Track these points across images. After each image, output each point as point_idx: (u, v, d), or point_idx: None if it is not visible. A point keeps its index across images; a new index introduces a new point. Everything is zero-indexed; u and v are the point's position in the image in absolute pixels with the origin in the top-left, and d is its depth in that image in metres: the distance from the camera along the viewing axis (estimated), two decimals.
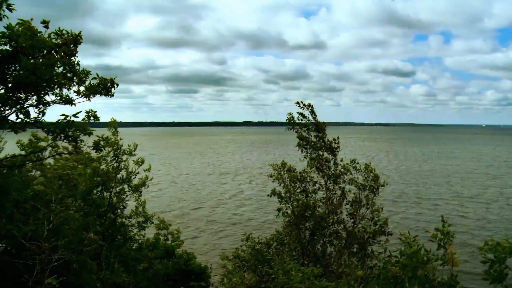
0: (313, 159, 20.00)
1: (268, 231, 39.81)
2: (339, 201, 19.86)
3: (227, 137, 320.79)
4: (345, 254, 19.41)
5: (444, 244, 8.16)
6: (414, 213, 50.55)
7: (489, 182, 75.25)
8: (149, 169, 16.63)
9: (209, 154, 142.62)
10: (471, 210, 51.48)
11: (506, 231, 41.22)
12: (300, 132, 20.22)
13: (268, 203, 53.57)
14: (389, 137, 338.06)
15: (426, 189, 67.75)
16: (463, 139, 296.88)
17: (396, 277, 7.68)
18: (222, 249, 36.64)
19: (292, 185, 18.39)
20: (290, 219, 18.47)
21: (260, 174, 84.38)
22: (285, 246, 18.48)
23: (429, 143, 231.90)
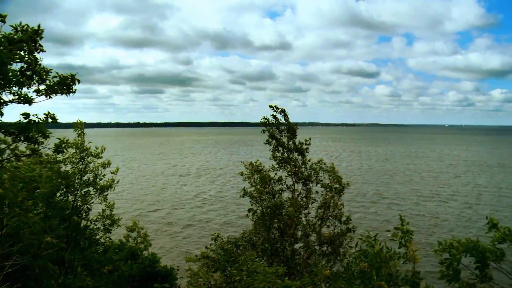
0: (283, 159, 20.14)
1: (231, 230, 39.76)
2: (306, 201, 20.04)
3: (193, 137, 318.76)
4: (314, 253, 19.58)
5: (405, 242, 8.32)
6: (377, 211, 51.39)
7: (449, 181, 77.18)
8: (116, 171, 16.39)
9: (174, 155, 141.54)
10: (432, 209, 52.72)
11: (464, 229, 42.34)
12: (272, 132, 20.35)
13: (235, 204, 53.46)
14: (354, 137, 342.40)
15: (388, 188, 68.92)
16: (426, 139, 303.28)
17: (364, 272, 7.75)
18: (187, 250, 36.48)
19: (262, 185, 18.42)
20: (259, 219, 18.50)
21: (224, 174, 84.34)
22: (253, 246, 18.46)
23: (393, 143, 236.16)
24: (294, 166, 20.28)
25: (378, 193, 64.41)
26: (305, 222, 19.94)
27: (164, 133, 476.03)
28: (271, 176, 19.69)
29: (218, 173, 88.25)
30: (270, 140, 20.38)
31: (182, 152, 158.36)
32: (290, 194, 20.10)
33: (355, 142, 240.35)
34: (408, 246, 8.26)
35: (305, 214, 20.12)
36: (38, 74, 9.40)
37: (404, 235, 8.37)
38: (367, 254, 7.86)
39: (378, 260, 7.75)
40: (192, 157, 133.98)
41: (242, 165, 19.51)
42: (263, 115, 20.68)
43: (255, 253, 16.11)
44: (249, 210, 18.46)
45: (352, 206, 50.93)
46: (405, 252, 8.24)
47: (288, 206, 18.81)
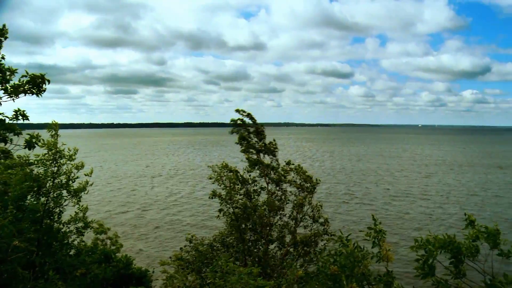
0: (254, 161, 20.16)
1: (205, 231, 39.60)
2: (280, 201, 20.10)
3: (167, 138, 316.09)
4: (289, 254, 19.65)
5: (378, 241, 8.40)
6: (349, 211, 51.94)
7: (420, 181, 78.50)
8: (90, 173, 16.13)
9: (147, 156, 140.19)
10: (404, 208, 53.59)
11: (435, 227, 43.17)
12: (242, 134, 20.38)
13: (206, 204, 53.42)
14: (329, 137, 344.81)
15: (361, 188, 69.68)
16: (400, 139, 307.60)
17: (335, 275, 7.79)
18: (160, 251, 36.23)
19: (232, 186, 18.39)
20: (231, 220, 18.49)
21: (197, 175, 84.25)
22: (227, 247, 18.43)
23: (367, 143, 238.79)
24: (266, 167, 20.35)
25: (351, 192, 65.10)
26: (280, 222, 20.02)
27: (138, 134, 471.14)
28: (245, 177, 19.73)
29: (191, 174, 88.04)
30: (242, 142, 20.42)
31: (155, 153, 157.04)
32: (266, 195, 20.14)
33: (329, 142, 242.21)
34: (381, 245, 8.34)
35: (281, 215, 20.18)
36: (1, 74, 9.15)
37: (378, 234, 8.45)
38: (340, 254, 7.91)
39: (352, 259, 7.80)
40: (165, 158, 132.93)
41: (209, 168, 19.51)
42: (231, 118, 20.73)
43: (229, 254, 16.10)
44: (219, 211, 18.44)
45: (324, 206, 51.26)
46: (378, 251, 8.32)
47: (262, 206, 18.84)
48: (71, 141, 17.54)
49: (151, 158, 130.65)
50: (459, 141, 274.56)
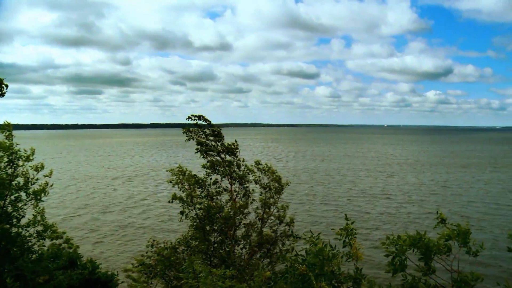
0: (214, 162, 20.03)
1: (168, 234, 39.19)
2: (244, 202, 19.98)
3: (132, 139, 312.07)
4: (255, 254, 19.51)
5: (349, 240, 8.39)
6: (314, 211, 52.24)
7: (385, 180, 79.85)
8: (50, 174, 15.61)
9: (111, 157, 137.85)
10: (369, 207, 54.38)
11: (398, 225, 43.82)
12: (198, 139, 20.22)
13: (169, 206, 52.98)
14: (295, 137, 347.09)
15: (326, 188, 70.21)
16: (366, 139, 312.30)
17: (303, 275, 7.72)
18: (123, 254, 35.67)
19: (192, 189, 18.19)
20: (195, 222, 18.27)
21: (162, 176, 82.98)
22: (192, 249, 18.17)
23: (333, 143, 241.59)
24: (227, 167, 20.22)
25: (314, 192, 65.58)
26: (246, 222, 19.90)
27: (102, 134, 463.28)
28: (205, 180, 19.59)
29: (155, 176, 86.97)
30: (199, 148, 20.26)
31: (119, 154, 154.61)
32: (229, 196, 19.99)
33: (295, 143, 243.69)
34: (352, 244, 8.35)
35: (245, 215, 20.06)
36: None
37: (348, 233, 8.45)
38: (309, 253, 7.86)
39: (321, 258, 7.75)
40: (129, 159, 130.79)
41: (168, 171, 19.27)
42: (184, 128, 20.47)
43: (200, 256, 15.85)
44: (181, 213, 18.21)
45: (291, 206, 51.43)
46: (348, 250, 8.31)
47: (226, 207, 18.70)
48: (32, 142, 17.04)
49: (114, 160, 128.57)
50: (423, 141, 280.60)
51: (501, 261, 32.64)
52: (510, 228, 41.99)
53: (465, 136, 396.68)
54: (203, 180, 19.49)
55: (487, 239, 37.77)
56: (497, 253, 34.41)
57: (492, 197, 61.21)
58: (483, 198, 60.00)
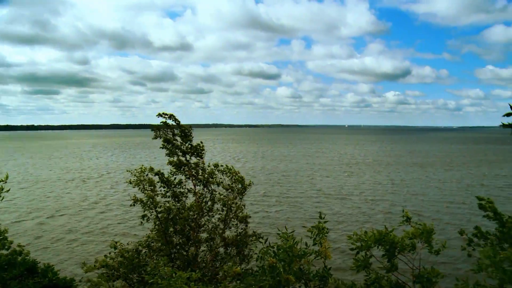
0: (180, 163, 19.93)
1: (128, 237, 38.60)
2: (208, 204, 19.99)
3: (92, 140, 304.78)
4: (219, 256, 19.53)
5: (319, 239, 8.51)
6: (277, 211, 52.43)
7: (345, 179, 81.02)
8: (6, 179, 15.09)
9: (69, 159, 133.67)
10: (330, 206, 54.91)
11: (360, 224, 44.48)
12: (165, 136, 20.08)
13: (131, 208, 52.27)
14: (257, 138, 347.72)
15: (288, 188, 70.55)
16: (327, 139, 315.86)
17: (273, 267, 7.78)
18: (81, 259, 34.73)
19: (153, 190, 18.05)
20: (157, 224, 18.13)
21: (122, 178, 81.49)
22: (155, 251, 18.01)
23: (294, 143, 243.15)
24: (192, 169, 20.17)
25: (275, 192, 65.85)
26: (209, 224, 19.90)
27: (60, 136, 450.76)
28: (170, 179, 19.44)
29: (115, 177, 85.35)
30: (165, 145, 20.10)
31: (78, 156, 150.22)
32: (193, 197, 19.94)
33: (256, 143, 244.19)
34: (322, 243, 8.46)
35: (209, 217, 20.06)
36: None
37: (319, 231, 8.56)
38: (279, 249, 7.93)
39: (290, 254, 7.84)
40: (89, 161, 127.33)
41: (128, 172, 18.99)
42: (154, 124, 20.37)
43: (167, 258, 15.72)
44: (142, 217, 18.00)
45: (253, 206, 51.69)
46: (318, 248, 8.42)
47: (188, 209, 18.61)
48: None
49: (74, 162, 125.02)
50: (383, 140, 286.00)
51: (455, 258, 33.54)
52: (464, 226, 43.27)
53: (423, 136, 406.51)
54: (169, 180, 19.31)
55: (443, 237, 38.78)
56: (451, 251, 35.35)
57: (447, 195, 62.87)
58: (438, 197, 61.59)
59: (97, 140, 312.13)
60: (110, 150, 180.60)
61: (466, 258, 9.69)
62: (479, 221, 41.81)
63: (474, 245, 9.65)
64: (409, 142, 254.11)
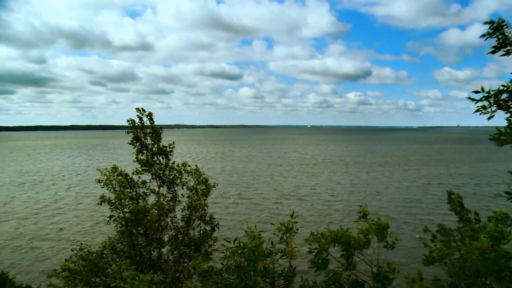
0: (147, 162, 19.87)
1: (91, 239, 37.93)
2: (172, 204, 20.00)
3: (50, 142, 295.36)
4: (183, 257, 19.55)
5: (286, 238, 8.65)
6: (239, 212, 52.46)
7: (307, 179, 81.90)
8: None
9: (26, 161, 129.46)
10: (293, 206, 55.16)
11: (322, 223, 45.04)
12: (136, 134, 19.99)
13: (92, 211, 51.33)
14: (219, 138, 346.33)
15: (250, 189, 70.71)
16: (290, 139, 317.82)
17: (241, 267, 7.86)
18: (42, 264, 34.11)
19: (122, 191, 17.91)
20: (122, 225, 18.00)
21: (82, 180, 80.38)
22: (118, 253, 17.87)
23: (257, 143, 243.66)
24: (158, 169, 20.16)
25: (239, 193, 65.87)
26: (171, 225, 19.91)
27: (16, 137, 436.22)
28: (134, 180, 19.33)
29: (75, 179, 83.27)
30: (134, 142, 20.01)
31: (36, 157, 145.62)
32: (156, 198, 19.90)
33: (219, 144, 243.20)
34: (289, 242, 8.59)
35: (171, 218, 20.08)
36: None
37: (287, 230, 8.70)
38: (245, 248, 8.00)
39: (256, 253, 7.92)
40: (47, 163, 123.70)
41: (98, 171, 18.77)
42: (129, 117, 20.23)
43: (128, 261, 15.61)
44: (110, 217, 17.84)
45: (213, 207, 51.50)
46: (284, 248, 8.55)
47: (152, 210, 18.56)
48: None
49: (31, 164, 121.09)
50: (345, 140, 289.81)
51: (414, 252, 34.46)
52: (424, 221, 44.43)
53: (384, 136, 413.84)
54: (133, 180, 19.19)
55: (403, 233, 39.83)
56: (411, 245, 36.42)
57: (405, 194, 64.33)
58: (397, 195, 62.93)
59: (55, 141, 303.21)
60: (72, 152, 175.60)
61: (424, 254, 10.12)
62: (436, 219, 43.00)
63: (437, 241, 10.02)
64: (370, 142, 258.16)
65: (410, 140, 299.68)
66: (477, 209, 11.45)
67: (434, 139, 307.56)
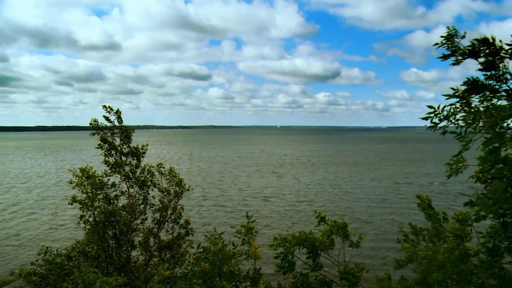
0: (116, 164, 19.61)
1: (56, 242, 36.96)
2: (143, 206, 19.81)
3: (13, 143, 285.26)
4: (153, 258, 19.39)
5: (248, 239, 8.66)
6: (209, 212, 52.32)
7: (275, 180, 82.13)
8: None
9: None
10: (259, 207, 55.35)
11: (292, 223, 45.17)
12: (103, 136, 19.69)
13: (56, 213, 50.22)
14: (189, 139, 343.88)
15: (217, 189, 70.45)
16: (259, 139, 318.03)
17: (206, 272, 7.82)
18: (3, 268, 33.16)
19: (93, 192, 17.61)
20: (92, 227, 17.70)
21: (46, 182, 78.29)
22: (87, 256, 17.56)
23: (226, 144, 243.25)
24: (129, 171, 19.91)
25: (208, 194, 65.63)
26: (142, 227, 19.70)
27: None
28: (104, 181, 19.00)
29: (38, 181, 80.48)
30: (102, 144, 19.68)
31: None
32: (126, 200, 19.64)
33: (188, 145, 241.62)
34: (251, 243, 8.60)
35: (142, 220, 19.87)
36: None
37: (247, 232, 8.70)
38: (209, 252, 7.97)
39: (220, 257, 7.89)
40: (8, 165, 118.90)
41: (70, 171, 18.42)
42: (93, 118, 19.85)
43: (90, 263, 15.35)
44: (80, 217, 17.51)
45: (193, 208, 51.30)
46: (247, 249, 8.55)
47: (123, 211, 18.32)
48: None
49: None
50: (314, 140, 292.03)
51: (383, 251, 34.91)
52: (393, 220, 45.15)
53: (353, 136, 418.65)
54: (103, 182, 18.87)
55: (371, 232, 40.32)
56: (378, 244, 36.88)
57: (374, 193, 65.30)
58: (365, 195, 63.80)
59: (18, 142, 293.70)
60: (36, 153, 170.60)
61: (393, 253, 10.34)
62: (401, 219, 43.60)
63: (410, 240, 10.26)
64: (339, 142, 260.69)
65: (380, 140, 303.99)
66: (443, 208, 11.71)
67: (402, 139, 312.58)
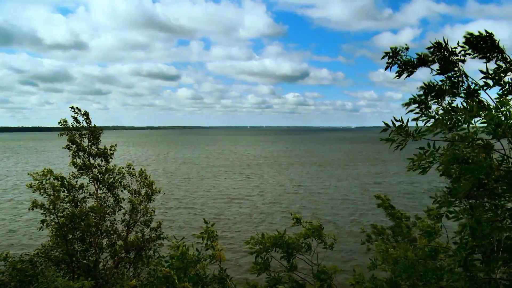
0: (84, 165, 19.22)
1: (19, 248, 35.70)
2: (112, 208, 19.46)
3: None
4: (122, 262, 19.04)
5: (211, 243, 8.53)
6: (177, 214, 51.62)
7: (245, 182, 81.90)
8: None
9: None
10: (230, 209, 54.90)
11: (260, 225, 45.02)
12: (71, 137, 19.26)
13: (16, 216, 48.81)
14: (157, 140, 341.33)
15: (184, 191, 69.57)
16: (229, 140, 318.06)
17: (167, 276, 7.68)
18: None
19: (56, 195, 17.06)
20: (57, 231, 17.16)
21: (3, 185, 75.59)
22: (52, 260, 17.01)
23: (195, 145, 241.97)
24: (97, 172, 19.52)
25: (175, 195, 64.81)
26: (110, 229, 19.28)
27: None
28: (73, 183, 18.52)
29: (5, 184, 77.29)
30: (70, 145, 19.24)
31: None
32: (95, 202, 19.21)
33: (157, 145, 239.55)
34: (214, 246, 8.49)
35: (111, 222, 19.46)
36: None
37: (209, 236, 8.59)
38: (173, 258, 7.86)
39: (185, 261, 7.78)
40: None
41: (31, 174, 17.78)
42: (62, 118, 19.43)
43: (55, 268, 14.90)
44: (41, 222, 16.96)
45: (160, 210, 50.35)
46: (212, 252, 8.45)
47: (90, 213, 17.84)
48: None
49: None
50: (284, 141, 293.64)
51: (352, 253, 34.98)
52: (360, 220, 45.44)
53: (323, 136, 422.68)
54: (71, 184, 18.33)
55: (340, 233, 40.38)
56: (345, 245, 36.91)
57: (343, 193, 65.64)
58: (335, 194, 64.09)
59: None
60: None
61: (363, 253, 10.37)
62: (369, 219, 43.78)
63: (372, 240, 10.31)
64: (308, 142, 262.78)
65: (349, 139, 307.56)
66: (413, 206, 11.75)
67: (371, 139, 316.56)
